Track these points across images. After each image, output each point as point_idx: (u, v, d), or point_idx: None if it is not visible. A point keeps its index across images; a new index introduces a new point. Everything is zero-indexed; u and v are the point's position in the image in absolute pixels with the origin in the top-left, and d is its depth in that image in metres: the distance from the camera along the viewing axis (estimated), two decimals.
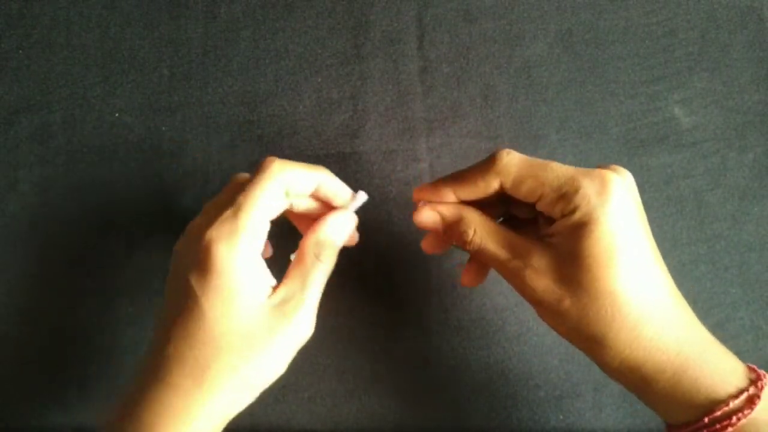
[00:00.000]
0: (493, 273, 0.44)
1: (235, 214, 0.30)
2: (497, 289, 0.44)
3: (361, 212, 0.36)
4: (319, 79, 0.46)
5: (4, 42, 0.47)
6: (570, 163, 0.44)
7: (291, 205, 0.34)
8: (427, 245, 0.36)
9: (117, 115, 0.46)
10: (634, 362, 0.28)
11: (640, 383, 0.29)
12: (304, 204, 0.35)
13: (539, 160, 0.31)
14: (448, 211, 0.33)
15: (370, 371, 0.43)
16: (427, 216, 0.33)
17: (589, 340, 0.29)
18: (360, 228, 0.37)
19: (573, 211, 0.29)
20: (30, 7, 0.47)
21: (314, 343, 0.43)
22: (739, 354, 0.43)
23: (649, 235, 0.30)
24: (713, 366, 0.28)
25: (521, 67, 0.46)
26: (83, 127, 0.46)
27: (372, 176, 0.45)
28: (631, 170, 0.45)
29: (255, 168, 0.33)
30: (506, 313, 0.43)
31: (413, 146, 0.45)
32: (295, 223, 0.38)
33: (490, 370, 0.43)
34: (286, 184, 0.32)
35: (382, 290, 0.44)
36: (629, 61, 0.47)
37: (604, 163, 0.32)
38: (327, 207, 0.36)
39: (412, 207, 0.35)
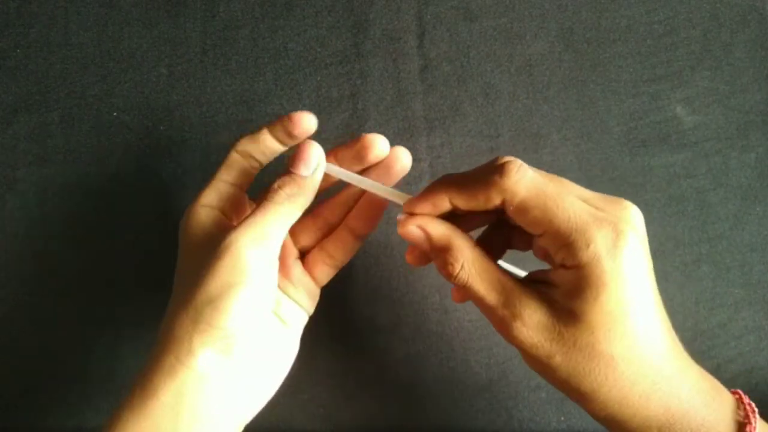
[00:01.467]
0: None
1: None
2: None
3: None
4: (319, 78, 0.46)
5: (2, 41, 0.47)
6: (570, 163, 0.45)
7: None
8: (411, 259, 0.34)
9: (115, 114, 0.46)
10: (620, 417, 0.27)
11: None
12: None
13: (553, 187, 0.27)
14: (436, 231, 0.30)
15: (369, 372, 0.43)
16: (412, 231, 0.30)
17: (576, 392, 0.28)
18: None
19: (577, 266, 0.26)
20: (27, 6, 0.47)
21: (313, 344, 0.43)
22: (742, 355, 0.43)
23: (655, 286, 0.28)
24: (700, 419, 0.27)
25: (522, 65, 0.46)
26: (81, 126, 0.45)
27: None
28: (632, 170, 0.45)
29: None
30: None
31: (413, 145, 0.45)
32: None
33: (490, 371, 0.42)
34: (240, 150, 0.34)
35: (382, 290, 0.43)
36: (631, 60, 0.46)
37: (612, 200, 0.28)
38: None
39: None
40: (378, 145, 0.34)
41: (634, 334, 0.26)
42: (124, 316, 0.43)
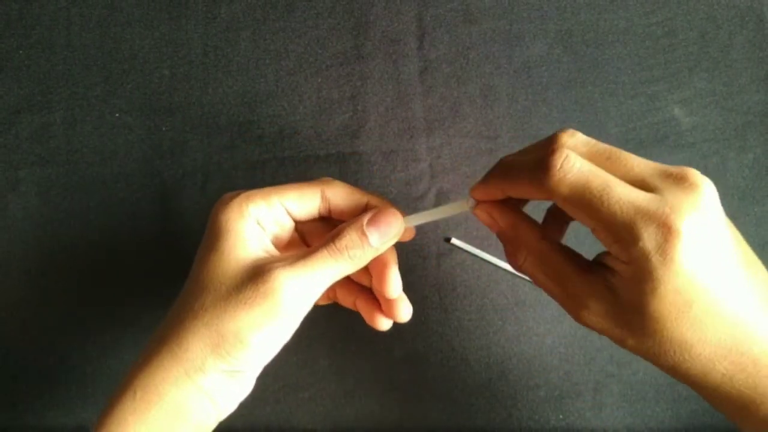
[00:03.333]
0: (493, 273, 0.44)
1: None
2: (497, 289, 0.44)
3: None
4: (319, 80, 0.46)
5: (5, 42, 0.47)
6: None
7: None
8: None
9: (117, 115, 0.46)
10: (707, 385, 0.27)
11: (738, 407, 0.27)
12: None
13: (598, 181, 0.26)
14: (504, 220, 0.30)
15: (370, 371, 0.43)
16: (483, 218, 0.31)
17: (657, 365, 0.27)
18: None
19: (630, 261, 0.25)
20: (30, 7, 0.47)
21: (313, 343, 0.43)
22: None
23: (730, 257, 0.26)
24: None
25: (521, 67, 0.46)
26: (83, 127, 0.46)
27: (372, 176, 0.45)
28: None
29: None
30: (506, 313, 0.43)
31: (413, 146, 0.45)
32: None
33: (489, 370, 0.43)
34: (323, 190, 0.32)
35: None
36: (629, 62, 0.47)
37: (676, 176, 0.27)
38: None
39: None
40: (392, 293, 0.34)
41: (706, 321, 0.25)
42: (124, 317, 0.43)
